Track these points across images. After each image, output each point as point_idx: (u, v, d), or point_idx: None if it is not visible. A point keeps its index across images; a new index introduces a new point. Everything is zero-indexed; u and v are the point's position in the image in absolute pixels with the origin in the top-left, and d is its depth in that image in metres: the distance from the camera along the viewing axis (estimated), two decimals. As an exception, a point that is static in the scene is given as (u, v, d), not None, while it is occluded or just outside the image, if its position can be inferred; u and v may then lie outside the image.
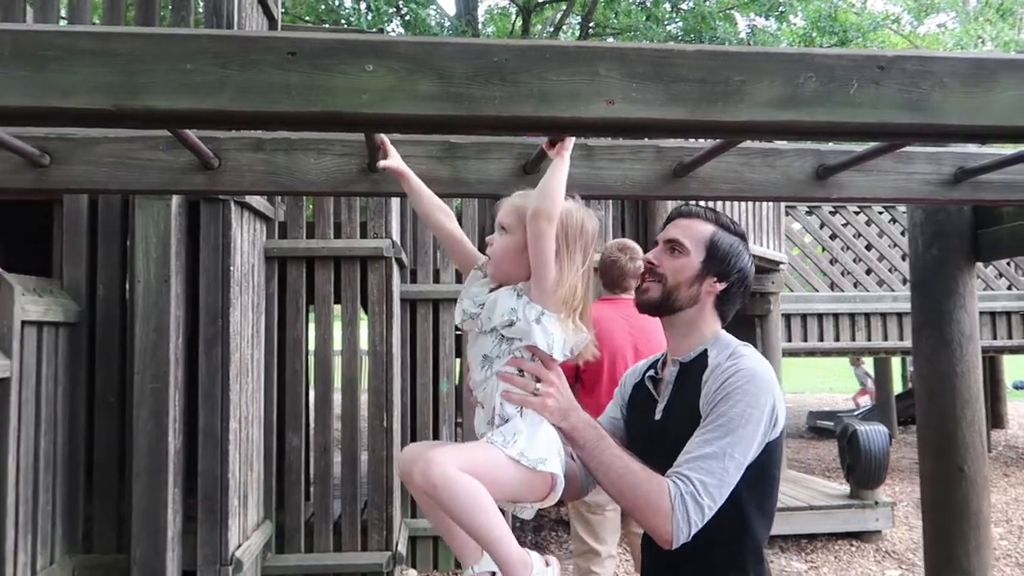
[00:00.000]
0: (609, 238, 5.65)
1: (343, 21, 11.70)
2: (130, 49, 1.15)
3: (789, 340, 7.39)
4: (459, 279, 4.19)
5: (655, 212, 6.27)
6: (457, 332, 5.20)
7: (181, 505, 3.50)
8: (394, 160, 1.68)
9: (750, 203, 6.71)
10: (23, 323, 3.01)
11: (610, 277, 3.34)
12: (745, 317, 7.31)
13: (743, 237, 1.68)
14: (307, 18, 12.11)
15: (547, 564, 1.46)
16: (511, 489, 1.50)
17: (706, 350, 1.61)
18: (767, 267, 6.97)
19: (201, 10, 4.10)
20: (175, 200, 3.45)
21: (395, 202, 4.54)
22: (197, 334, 3.63)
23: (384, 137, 1.64)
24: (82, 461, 3.55)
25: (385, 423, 4.42)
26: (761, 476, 1.53)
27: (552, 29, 13.09)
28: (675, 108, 1.25)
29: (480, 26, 13.15)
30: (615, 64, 1.25)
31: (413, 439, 4.91)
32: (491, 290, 1.54)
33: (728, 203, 6.47)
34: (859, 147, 1.89)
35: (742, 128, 1.28)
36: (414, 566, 5.01)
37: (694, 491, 1.42)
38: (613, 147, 1.97)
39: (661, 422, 1.62)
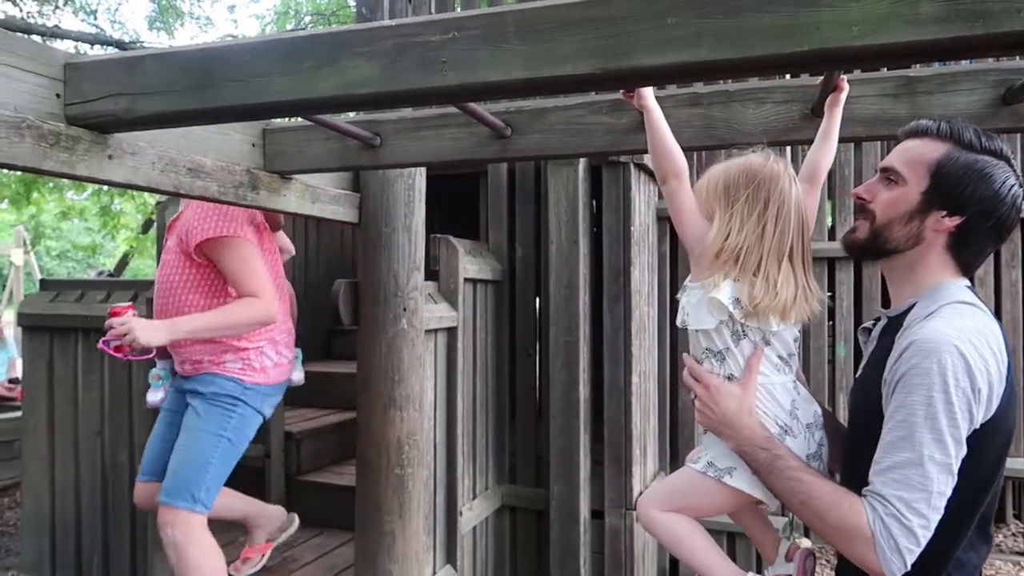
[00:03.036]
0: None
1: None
2: (616, 12, 1.20)
3: None
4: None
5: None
6: (856, 293, 4.80)
7: (589, 450, 3.78)
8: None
9: None
10: (464, 280, 3.48)
11: None
12: None
13: (998, 155, 1.25)
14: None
15: None
16: (717, 506, 1.46)
17: (915, 304, 1.27)
18: None
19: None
20: (581, 165, 3.67)
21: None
22: (600, 291, 3.86)
23: (844, 76, 1.53)
24: (507, 403, 4.03)
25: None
26: (969, 475, 1.18)
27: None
28: None
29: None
30: None
31: (806, 405, 4.67)
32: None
33: None
34: None
35: None
36: (807, 535, 4.80)
37: (896, 512, 1.14)
38: None
39: (857, 382, 1.38)
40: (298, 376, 2.76)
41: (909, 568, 1.16)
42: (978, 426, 1.19)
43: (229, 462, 2.45)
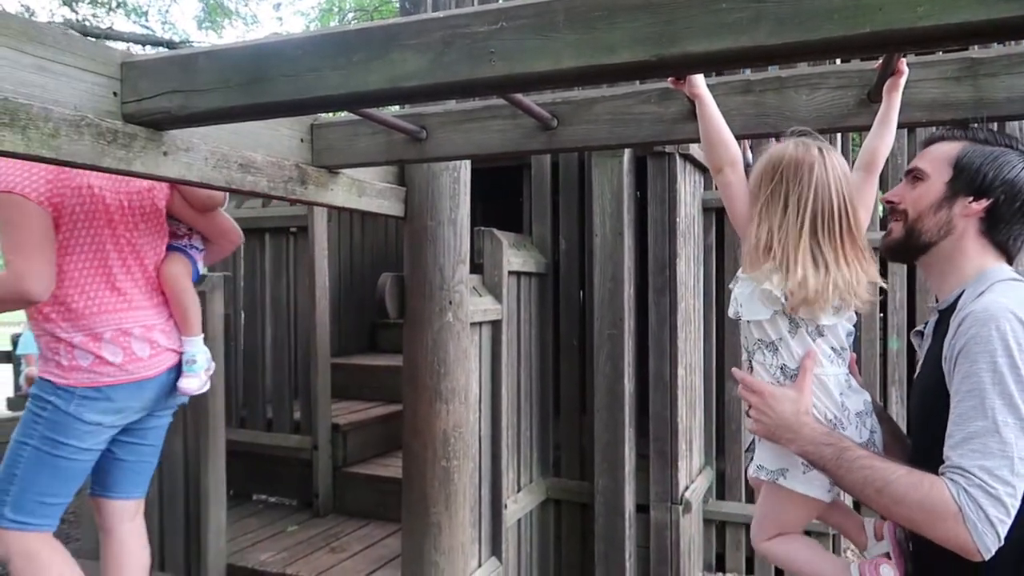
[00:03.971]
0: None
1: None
2: (668, -2, 1.18)
3: None
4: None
5: None
6: (909, 285, 4.67)
7: (634, 443, 3.75)
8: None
9: None
10: (508, 273, 3.47)
11: None
12: None
13: (1012, 147, 1.33)
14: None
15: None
16: (794, 512, 1.46)
17: (964, 292, 1.28)
18: None
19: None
20: (626, 156, 3.64)
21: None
22: (646, 284, 3.82)
23: (903, 59, 1.48)
24: (551, 396, 4.02)
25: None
26: None
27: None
28: None
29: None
30: None
31: (856, 399, 4.56)
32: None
33: None
34: None
35: None
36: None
37: (980, 482, 1.10)
38: None
39: (916, 383, 1.37)
40: (187, 384, 2.42)
41: (1002, 541, 1.12)
42: None
43: (42, 473, 2.13)
